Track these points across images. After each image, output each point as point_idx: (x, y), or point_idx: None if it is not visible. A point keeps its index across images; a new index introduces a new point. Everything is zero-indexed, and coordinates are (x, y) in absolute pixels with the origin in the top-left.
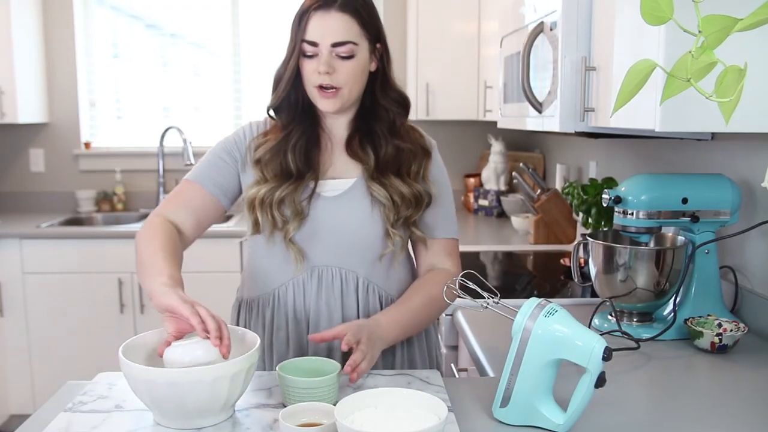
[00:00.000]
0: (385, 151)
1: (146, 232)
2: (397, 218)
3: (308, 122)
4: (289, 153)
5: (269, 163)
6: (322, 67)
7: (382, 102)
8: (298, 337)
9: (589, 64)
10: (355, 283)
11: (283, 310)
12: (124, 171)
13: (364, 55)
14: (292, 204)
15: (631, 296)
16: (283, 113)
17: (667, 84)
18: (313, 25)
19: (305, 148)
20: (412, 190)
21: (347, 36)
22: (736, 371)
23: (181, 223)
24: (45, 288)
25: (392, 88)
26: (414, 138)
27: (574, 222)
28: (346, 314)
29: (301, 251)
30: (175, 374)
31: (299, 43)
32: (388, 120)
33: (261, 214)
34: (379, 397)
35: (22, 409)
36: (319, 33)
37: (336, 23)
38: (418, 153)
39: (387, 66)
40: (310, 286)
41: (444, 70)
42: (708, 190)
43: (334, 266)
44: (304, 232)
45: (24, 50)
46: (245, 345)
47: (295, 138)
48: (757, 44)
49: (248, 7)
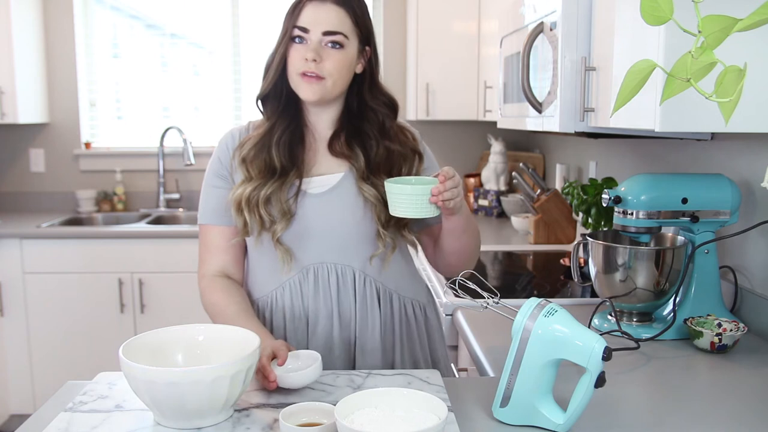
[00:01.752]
0: (375, 152)
1: (210, 303)
2: (389, 218)
3: (292, 117)
4: (273, 148)
5: (254, 160)
6: (309, 53)
7: (370, 104)
8: (297, 338)
9: (588, 64)
10: (352, 277)
11: (281, 312)
12: (124, 171)
13: (352, 51)
14: (279, 203)
15: (630, 296)
16: (268, 104)
17: (666, 84)
18: (307, 12)
19: (289, 144)
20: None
21: (339, 27)
22: (736, 371)
23: (225, 269)
24: (45, 288)
25: (380, 91)
26: (404, 140)
27: (573, 222)
28: (343, 310)
29: (288, 251)
30: (175, 374)
31: (290, 29)
32: (378, 121)
33: (248, 214)
34: (379, 397)
35: (23, 409)
36: (311, 19)
37: (330, 13)
38: (409, 155)
39: (375, 69)
40: (306, 285)
41: (444, 70)
42: (708, 190)
43: (328, 263)
44: (292, 232)
45: (24, 50)
46: (245, 345)
47: (278, 132)
48: (756, 44)
49: (248, 7)
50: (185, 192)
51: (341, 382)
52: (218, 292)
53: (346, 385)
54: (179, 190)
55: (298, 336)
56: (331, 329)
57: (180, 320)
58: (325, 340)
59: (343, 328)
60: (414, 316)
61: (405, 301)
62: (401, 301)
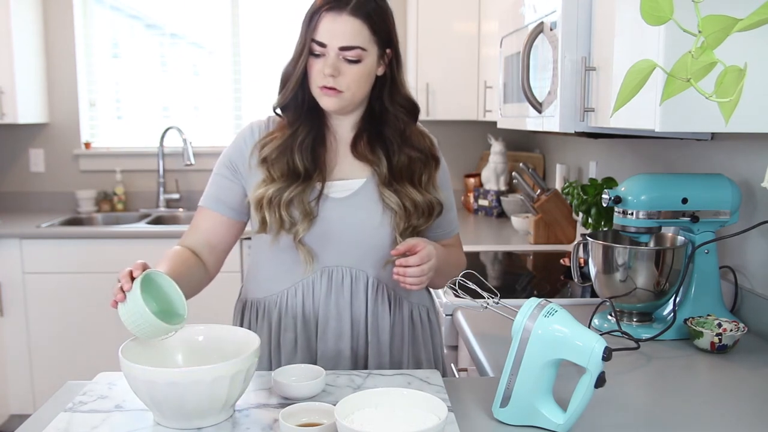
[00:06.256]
0: (398, 159)
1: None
2: (407, 226)
3: (314, 121)
4: (296, 152)
5: (276, 162)
6: (327, 69)
7: (390, 109)
8: (307, 338)
9: (589, 64)
10: (365, 282)
11: (291, 311)
12: (124, 171)
13: (371, 60)
14: (301, 204)
15: (630, 296)
16: (290, 111)
17: (666, 84)
18: (324, 25)
19: (312, 147)
20: (425, 199)
21: (356, 41)
22: (736, 371)
23: (194, 247)
24: (45, 288)
25: (401, 94)
26: (424, 146)
27: (573, 222)
28: (354, 314)
29: (311, 252)
30: (175, 374)
31: (308, 42)
32: (398, 128)
33: (269, 213)
34: (379, 397)
35: (22, 409)
36: (328, 34)
37: (346, 26)
38: (429, 161)
39: (397, 71)
40: (319, 286)
41: (444, 70)
42: (708, 190)
43: (344, 266)
44: (313, 234)
45: (24, 50)
46: (245, 345)
47: (302, 136)
48: (757, 44)
49: (248, 6)
50: (185, 192)
51: (341, 382)
52: (171, 252)
53: (346, 385)
54: (179, 190)
55: (308, 336)
56: (341, 331)
57: None
58: (335, 342)
59: (354, 331)
60: (420, 320)
61: (413, 306)
62: (410, 307)
